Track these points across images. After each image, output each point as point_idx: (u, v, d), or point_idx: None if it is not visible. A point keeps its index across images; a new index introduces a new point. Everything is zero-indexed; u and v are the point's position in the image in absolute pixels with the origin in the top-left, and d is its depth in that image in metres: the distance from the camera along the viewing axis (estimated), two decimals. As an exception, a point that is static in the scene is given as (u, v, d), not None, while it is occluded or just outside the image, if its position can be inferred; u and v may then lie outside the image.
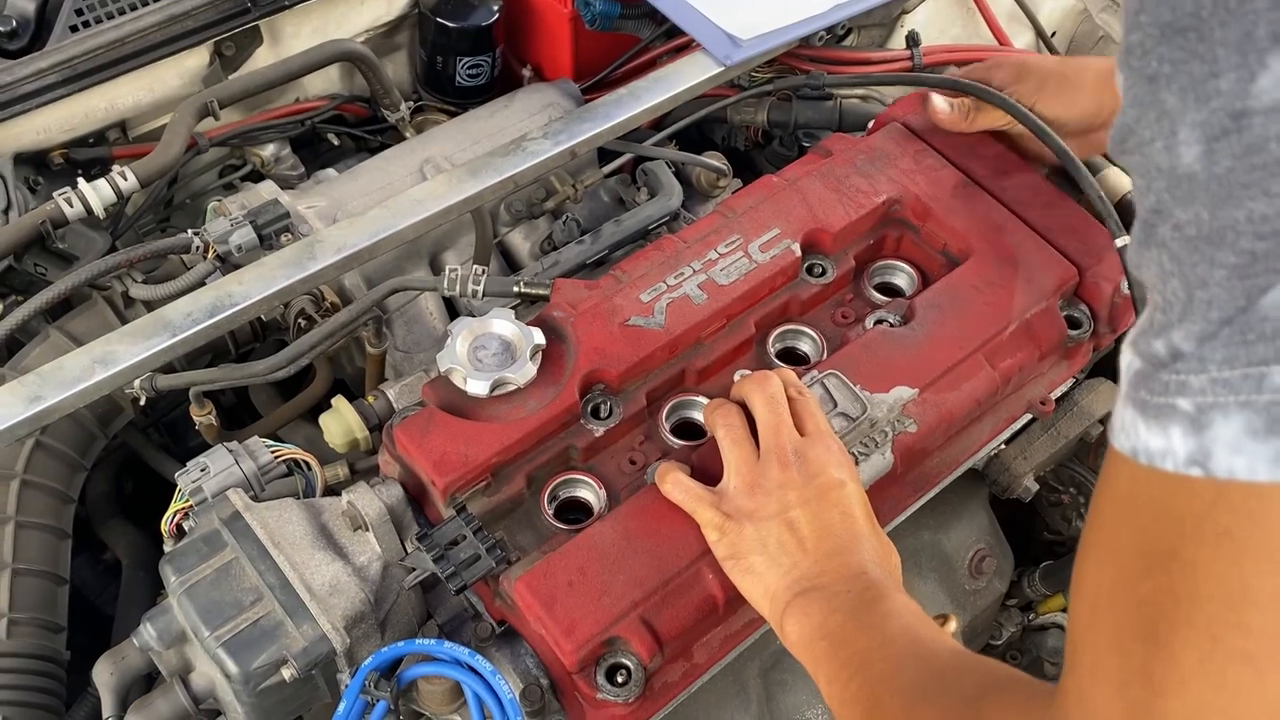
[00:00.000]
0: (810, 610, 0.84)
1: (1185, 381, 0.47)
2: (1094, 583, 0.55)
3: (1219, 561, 0.48)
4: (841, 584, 0.85)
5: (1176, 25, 0.45)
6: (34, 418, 1.03)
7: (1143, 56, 0.47)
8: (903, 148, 1.24)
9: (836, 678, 0.80)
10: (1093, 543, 0.56)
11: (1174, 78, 0.46)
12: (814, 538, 0.88)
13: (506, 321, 1.05)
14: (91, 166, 1.45)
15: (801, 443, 0.92)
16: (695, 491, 0.93)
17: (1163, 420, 0.48)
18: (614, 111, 1.31)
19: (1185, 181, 0.46)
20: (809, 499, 0.89)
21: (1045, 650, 1.40)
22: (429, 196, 1.23)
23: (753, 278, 1.12)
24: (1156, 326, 0.49)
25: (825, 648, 0.82)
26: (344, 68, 1.63)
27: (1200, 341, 0.47)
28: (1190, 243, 0.47)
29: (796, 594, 0.85)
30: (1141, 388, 0.50)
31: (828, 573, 0.86)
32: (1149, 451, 0.49)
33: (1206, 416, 0.46)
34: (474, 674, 0.90)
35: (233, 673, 0.88)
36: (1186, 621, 0.49)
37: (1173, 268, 0.48)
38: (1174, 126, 0.46)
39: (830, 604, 0.84)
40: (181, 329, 1.09)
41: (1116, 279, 1.15)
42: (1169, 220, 0.48)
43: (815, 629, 0.83)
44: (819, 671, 0.82)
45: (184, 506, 1.01)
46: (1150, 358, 0.49)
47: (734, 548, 0.90)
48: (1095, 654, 0.54)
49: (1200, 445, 0.47)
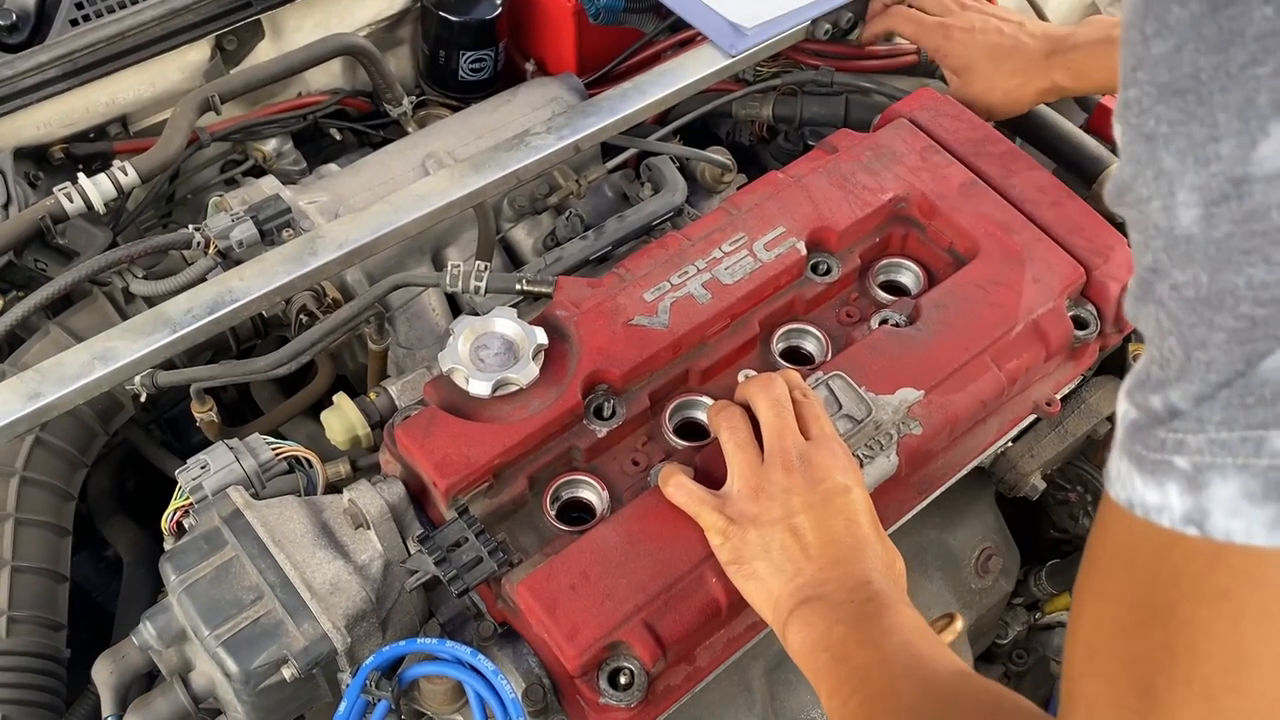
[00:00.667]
0: (813, 620, 0.83)
1: (1182, 440, 0.47)
2: (1091, 628, 0.56)
3: (1218, 622, 0.48)
4: (845, 594, 0.84)
5: (1175, 86, 0.45)
6: (33, 414, 1.02)
7: (1140, 114, 0.47)
8: (909, 145, 1.23)
9: (837, 692, 0.79)
10: (1089, 586, 0.56)
11: (1172, 139, 0.46)
12: (818, 544, 0.87)
13: (509, 321, 1.04)
14: (92, 161, 1.44)
15: (806, 447, 0.91)
16: (698, 495, 0.92)
17: (1159, 476, 0.48)
18: (618, 106, 1.30)
19: (1183, 243, 0.46)
20: (813, 505, 0.88)
21: (1051, 649, 1.39)
22: (431, 192, 1.22)
23: (757, 276, 1.11)
24: (1154, 381, 0.49)
25: (826, 660, 0.81)
26: (346, 62, 1.63)
27: (1198, 402, 0.47)
28: (1188, 304, 0.47)
29: (799, 602, 0.85)
30: (1138, 441, 0.50)
31: (831, 581, 0.85)
32: (1145, 505, 0.49)
33: (1204, 476, 0.46)
34: (476, 674, 0.89)
35: (233, 672, 0.88)
36: (1184, 680, 0.49)
37: (1170, 326, 0.48)
38: (1172, 187, 0.46)
39: (833, 614, 0.83)
40: (182, 325, 1.09)
41: (1124, 279, 1.14)
42: (1167, 280, 0.48)
43: (817, 640, 0.82)
44: (820, 684, 0.82)
45: (184, 504, 1.00)
46: (1147, 412, 0.49)
47: (737, 552, 0.89)
48: (1092, 702, 0.54)
49: (1197, 505, 0.47)
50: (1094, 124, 1.50)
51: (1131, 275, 0.51)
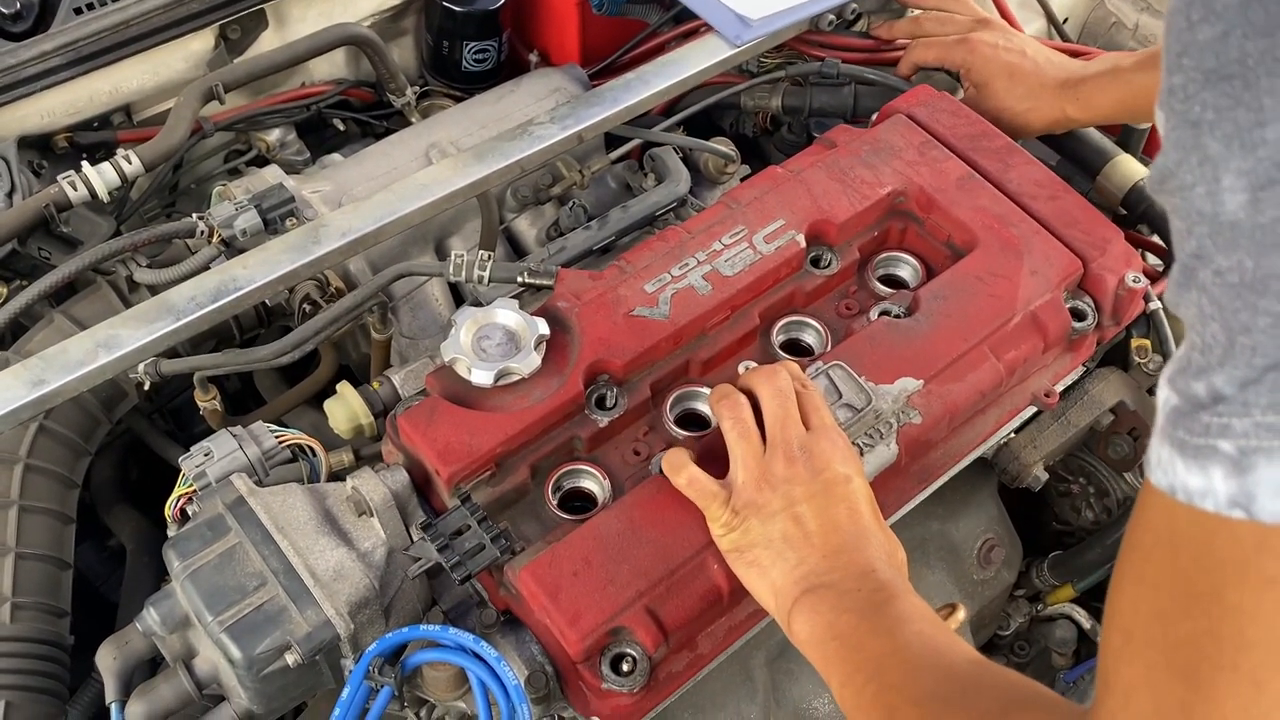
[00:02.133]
0: (819, 608, 0.83)
1: (1227, 424, 0.47)
2: (1130, 612, 0.55)
3: (1265, 608, 0.48)
4: (851, 582, 0.84)
5: (1221, 72, 0.45)
6: (37, 401, 1.03)
7: (1185, 100, 0.47)
8: (907, 139, 1.24)
9: (850, 681, 0.79)
10: (1128, 571, 0.56)
11: (1218, 124, 0.45)
12: (820, 533, 0.87)
13: (511, 311, 1.04)
14: (96, 150, 1.45)
15: (807, 437, 0.92)
16: (702, 483, 0.92)
17: (1202, 460, 0.48)
18: (622, 96, 1.30)
19: (1228, 229, 0.46)
20: (815, 494, 0.88)
21: (1053, 641, 1.39)
22: (434, 181, 1.22)
23: (757, 269, 1.11)
24: (1195, 367, 0.49)
25: (836, 649, 0.81)
26: (350, 52, 1.62)
27: (1243, 386, 0.47)
28: (1232, 289, 0.46)
29: (804, 590, 0.85)
30: (1180, 427, 0.50)
31: (836, 570, 0.85)
32: (1188, 490, 0.49)
33: (1249, 460, 0.46)
34: (479, 660, 0.89)
35: (236, 658, 0.88)
36: (1231, 665, 0.49)
37: (1213, 312, 0.48)
38: (1217, 173, 0.46)
39: (840, 603, 0.83)
40: (185, 313, 1.09)
41: (1121, 271, 1.15)
42: (1210, 265, 0.47)
43: (825, 628, 0.82)
44: (830, 673, 0.82)
45: (188, 491, 1.01)
46: (1189, 397, 0.49)
47: (739, 542, 0.89)
48: (1130, 686, 0.54)
49: (1243, 488, 0.47)
50: (1098, 116, 1.50)
51: (1174, 263, 0.51)
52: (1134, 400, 1.30)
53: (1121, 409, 1.30)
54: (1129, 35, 1.74)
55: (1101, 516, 1.38)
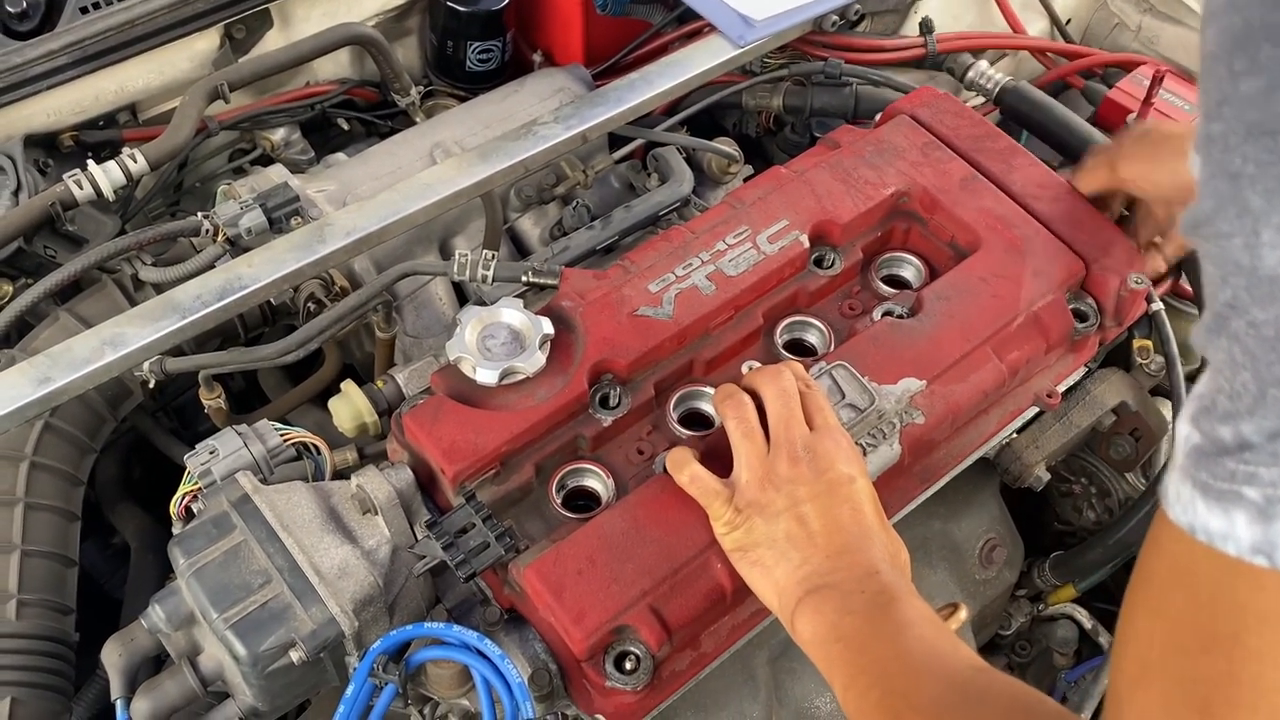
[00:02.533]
0: (823, 609, 0.83)
1: (1254, 472, 0.48)
2: (1146, 642, 0.56)
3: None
4: (854, 583, 0.84)
5: (1264, 126, 0.45)
6: (43, 399, 1.03)
7: (1225, 151, 0.47)
8: (911, 140, 1.24)
9: (853, 684, 0.80)
10: (1143, 601, 0.57)
11: (1259, 178, 0.46)
12: (824, 533, 0.87)
13: (515, 311, 1.05)
14: (102, 149, 1.45)
15: (811, 438, 0.92)
16: (705, 482, 0.93)
17: (1226, 504, 0.49)
18: (626, 96, 1.30)
19: (1266, 283, 0.46)
20: (818, 494, 0.89)
21: (1054, 641, 1.39)
22: (439, 180, 1.22)
23: (761, 269, 1.11)
24: (1222, 411, 0.49)
25: (840, 651, 0.81)
26: (354, 52, 1.63)
27: (1272, 437, 0.47)
28: (1267, 342, 0.47)
29: (808, 590, 0.85)
30: (1203, 468, 0.50)
31: (839, 570, 0.85)
32: (1208, 531, 0.50)
33: (1275, 509, 0.47)
34: (483, 658, 0.89)
35: (241, 655, 0.88)
36: (1249, 706, 0.50)
37: (1245, 361, 0.48)
38: (1257, 227, 0.46)
39: (844, 604, 0.83)
40: (191, 311, 1.09)
41: (1123, 272, 1.15)
42: (1245, 316, 0.48)
43: (829, 629, 0.82)
44: (834, 675, 0.82)
45: (193, 489, 1.01)
46: (1214, 440, 0.50)
47: (743, 541, 0.90)
48: (1143, 711, 0.55)
49: (1267, 536, 0.48)
50: (1101, 116, 1.50)
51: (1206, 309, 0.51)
52: (1136, 401, 1.31)
53: (1123, 410, 1.30)
54: (1131, 37, 1.74)
55: (1103, 517, 1.38)
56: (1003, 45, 1.68)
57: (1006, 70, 1.68)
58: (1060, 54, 1.69)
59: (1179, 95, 1.52)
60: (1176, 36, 1.68)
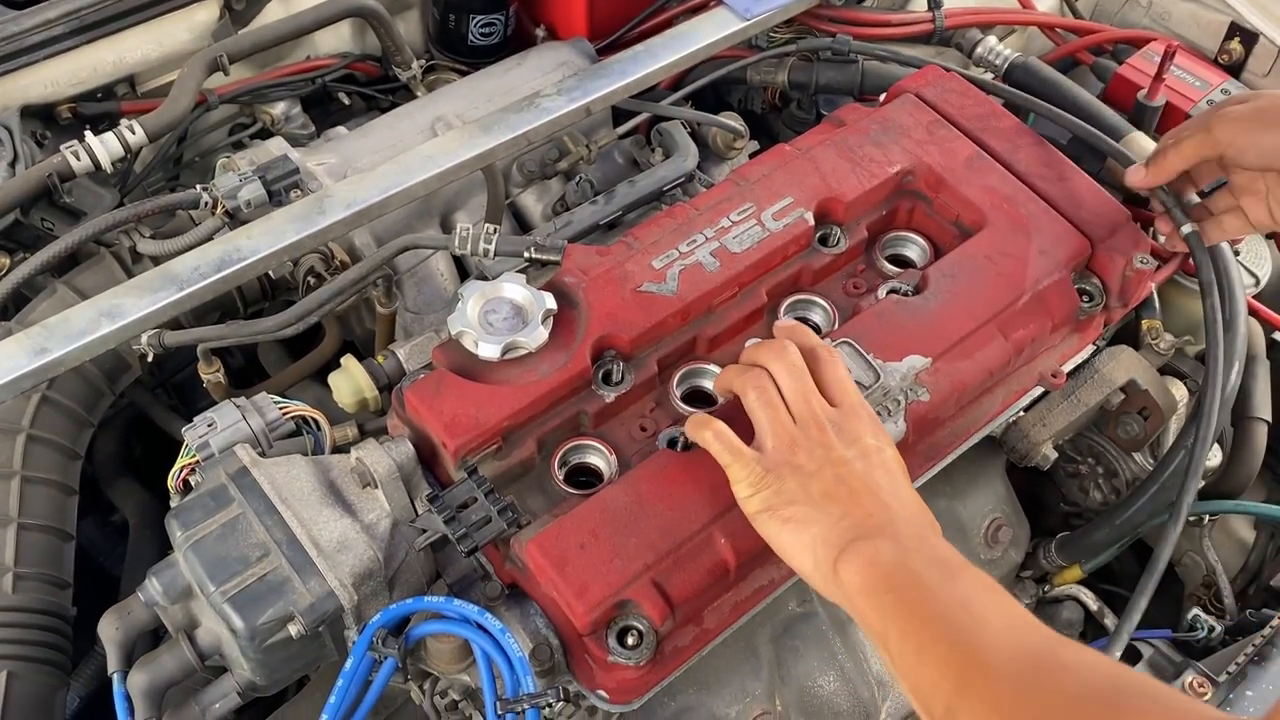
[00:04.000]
0: (876, 559, 0.80)
1: None
2: None
3: None
4: (909, 539, 0.81)
5: None
6: (40, 370, 1.02)
7: None
8: (916, 119, 1.23)
9: (911, 637, 0.76)
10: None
11: None
12: (865, 492, 0.84)
13: (518, 285, 1.04)
14: (100, 121, 1.44)
15: (835, 413, 0.90)
16: (731, 440, 0.90)
17: None
18: (630, 68, 1.29)
19: None
20: (851, 459, 0.86)
21: (1060, 622, 1.38)
22: (440, 153, 1.21)
23: (765, 246, 1.10)
24: None
25: (894, 602, 0.78)
26: (355, 25, 1.61)
27: None
28: None
29: (852, 539, 0.81)
30: None
31: (887, 526, 0.82)
32: None
33: None
34: (483, 632, 0.89)
35: (238, 628, 0.87)
36: None
37: None
38: None
39: (898, 556, 0.80)
40: (189, 283, 1.08)
41: (1129, 252, 1.14)
42: None
43: (882, 580, 0.79)
44: (887, 627, 0.78)
45: (190, 462, 1.00)
46: None
47: (771, 500, 0.86)
48: None
49: None
50: (1111, 93, 1.48)
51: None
52: (1145, 379, 1.29)
53: (1132, 387, 1.29)
54: (1142, 13, 1.72)
55: (1110, 497, 1.37)
56: (1012, 21, 1.66)
57: (1015, 46, 1.66)
58: (1070, 30, 1.67)
59: (1190, 71, 1.50)
60: (1188, 12, 1.66)
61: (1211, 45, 1.62)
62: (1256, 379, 1.34)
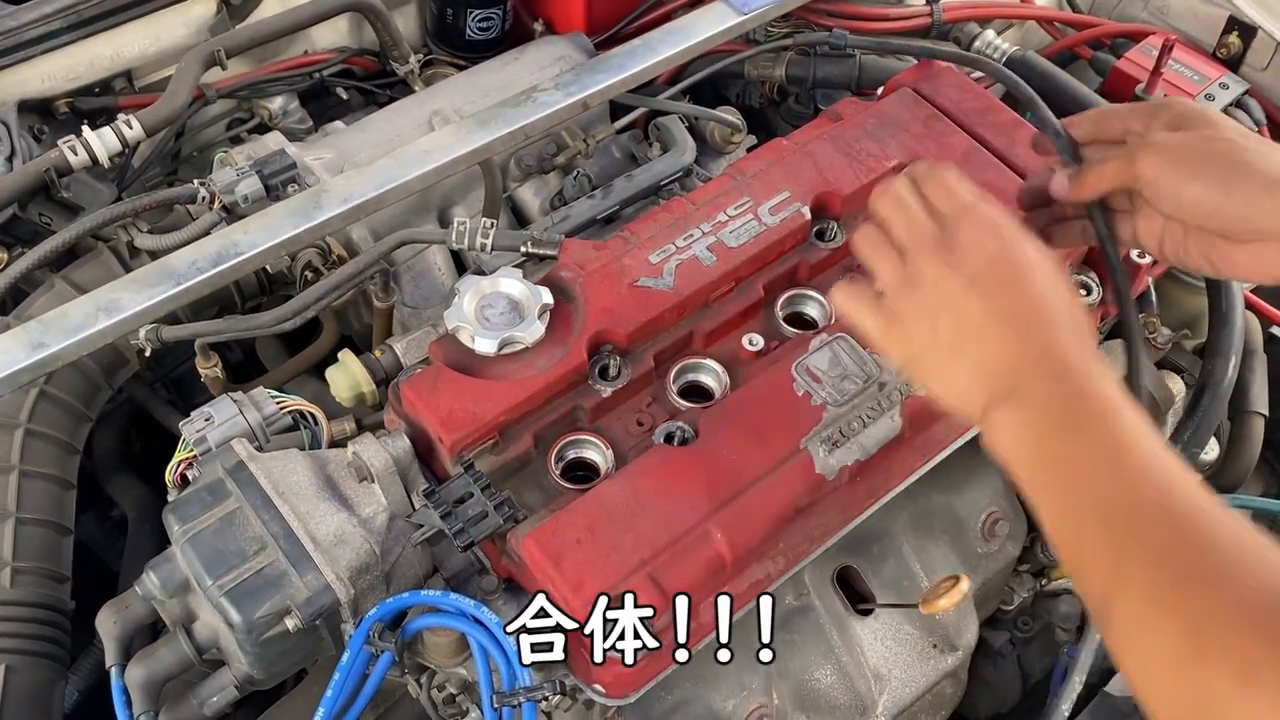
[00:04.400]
0: (1015, 426, 0.75)
1: None
2: None
3: None
4: (1045, 389, 0.75)
5: None
6: (37, 364, 1.02)
7: None
8: (913, 113, 1.23)
9: (1070, 515, 0.71)
10: None
11: None
12: (994, 325, 0.78)
13: (514, 280, 1.04)
14: (97, 116, 1.43)
15: (945, 230, 0.83)
16: (864, 299, 0.85)
17: None
18: (628, 62, 1.29)
19: None
20: (968, 285, 0.80)
21: (1057, 616, 1.38)
22: (437, 147, 1.21)
23: (762, 240, 1.10)
24: None
25: (1044, 477, 0.73)
26: (353, 20, 1.61)
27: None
28: None
29: (990, 399, 0.77)
30: None
31: (1022, 371, 0.76)
32: None
33: None
34: (480, 626, 0.89)
35: (235, 622, 0.87)
36: None
37: None
38: None
39: (1038, 417, 0.74)
40: (186, 277, 1.08)
41: (1125, 248, 1.13)
42: None
43: (1029, 450, 0.74)
44: (1041, 503, 0.73)
45: (188, 456, 1.00)
46: None
47: (907, 352, 0.82)
48: None
49: None
50: (1109, 87, 1.48)
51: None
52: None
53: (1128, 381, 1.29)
54: (1140, 7, 1.71)
55: (1107, 491, 1.37)
56: (1010, 15, 1.66)
57: (1013, 40, 1.66)
58: (1068, 24, 1.67)
59: (1189, 65, 1.50)
60: (1186, 6, 1.65)
61: (1210, 39, 1.62)
62: (1254, 373, 1.35)
